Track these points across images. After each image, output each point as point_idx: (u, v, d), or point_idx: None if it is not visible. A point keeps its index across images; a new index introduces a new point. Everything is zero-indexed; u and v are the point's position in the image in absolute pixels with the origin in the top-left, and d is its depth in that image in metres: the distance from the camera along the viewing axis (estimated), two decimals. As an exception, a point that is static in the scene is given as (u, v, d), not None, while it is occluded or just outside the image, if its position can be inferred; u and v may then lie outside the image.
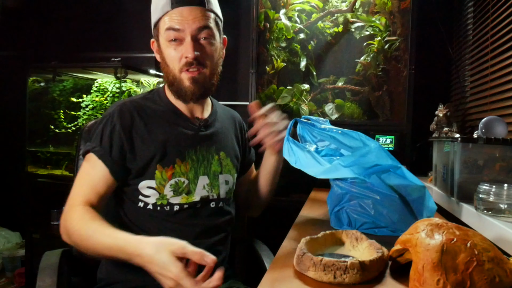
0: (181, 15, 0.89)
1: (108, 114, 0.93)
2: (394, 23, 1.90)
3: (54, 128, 2.24)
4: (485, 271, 0.48)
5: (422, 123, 1.74)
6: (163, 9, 0.91)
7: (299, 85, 2.01)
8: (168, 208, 0.92)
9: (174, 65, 0.92)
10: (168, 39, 0.91)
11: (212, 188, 0.98)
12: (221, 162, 1.01)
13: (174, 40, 0.91)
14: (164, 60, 0.94)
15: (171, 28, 0.90)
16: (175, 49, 0.91)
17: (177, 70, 0.92)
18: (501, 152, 0.95)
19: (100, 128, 0.92)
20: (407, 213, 0.85)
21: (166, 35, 0.91)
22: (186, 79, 0.92)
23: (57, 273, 0.91)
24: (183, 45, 0.90)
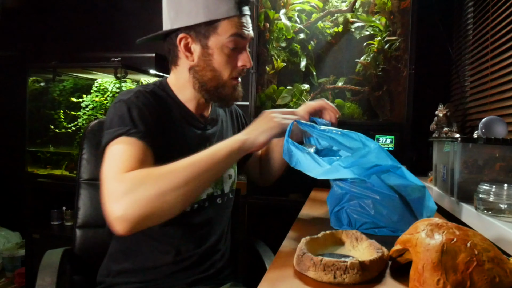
0: (246, 24, 0.88)
1: (127, 99, 0.84)
2: (394, 23, 1.90)
3: (54, 128, 2.24)
4: (485, 271, 0.48)
5: (422, 123, 1.74)
6: (228, 12, 0.85)
7: (299, 85, 2.01)
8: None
9: (224, 71, 0.89)
10: (230, 45, 0.87)
11: (216, 184, 0.97)
12: None
13: (233, 48, 0.88)
14: (209, 63, 0.88)
15: (239, 35, 0.87)
16: (230, 56, 0.88)
17: (226, 76, 0.89)
18: (501, 152, 0.95)
19: (124, 111, 0.81)
20: (407, 213, 0.84)
21: (229, 41, 0.86)
22: (231, 87, 0.91)
23: (58, 272, 0.91)
24: (240, 54, 0.89)
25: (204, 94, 0.93)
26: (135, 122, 0.80)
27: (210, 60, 0.88)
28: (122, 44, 2.42)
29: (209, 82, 0.90)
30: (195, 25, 0.87)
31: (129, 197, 0.67)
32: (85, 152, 1.11)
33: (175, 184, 0.69)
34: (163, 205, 0.68)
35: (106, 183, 0.71)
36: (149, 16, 2.38)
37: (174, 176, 0.70)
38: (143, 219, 0.67)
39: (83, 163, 1.10)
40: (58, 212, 2.19)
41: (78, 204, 1.10)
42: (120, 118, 0.81)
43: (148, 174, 0.70)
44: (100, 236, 1.08)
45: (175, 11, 0.88)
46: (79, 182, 1.11)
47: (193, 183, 0.71)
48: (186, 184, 0.70)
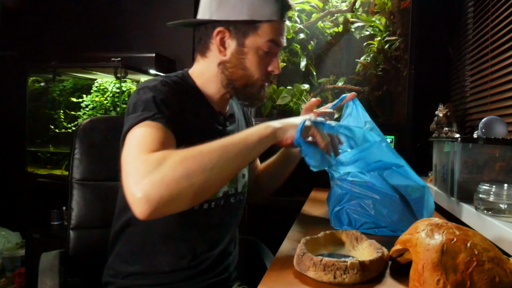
0: (283, 31, 0.89)
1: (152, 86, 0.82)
2: (394, 23, 1.90)
3: (54, 128, 2.24)
4: (485, 271, 0.48)
5: (422, 123, 1.74)
6: (271, 16, 0.85)
7: (299, 85, 2.01)
8: (197, 207, 0.87)
9: (255, 72, 0.88)
10: (265, 49, 0.87)
11: (231, 183, 0.95)
12: None
13: (267, 52, 0.88)
14: (242, 61, 0.87)
15: (275, 42, 0.87)
16: (262, 59, 0.88)
17: (256, 77, 0.89)
18: (501, 152, 0.95)
19: (149, 97, 0.79)
20: (407, 213, 0.85)
21: (266, 44, 0.86)
22: (259, 86, 0.90)
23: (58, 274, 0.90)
24: (272, 59, 0.89)
25: (231, 91, 0.91)
26: (160, 108, 0.77)
27: (243, 58, 0.87)
28: (122, 44, 2.42)
29: (238, 80, 0.88)
30: (236, 21, 0.85)
31: (154, 176, 0.62)
32: (77, 151, 1.08)
33: (203, 166, 0.65)
34: (189, 187, 0.64)
35: (128, 164, 0.67)
36: (149, 16, 2.38)
37: (203, 157, 0.66)
38: (167, 201, 0.63)
39: (75, 163, 1.07)
40: (58, 212, 2.20)
41: (71, 205, 1.07)
42: (144, 103, 0.78)
43: (175, 154, 0.66)
44: (95, 237, 1.06)
45: (218, 2, 0.86)
46: (72, 182, 1.08)
47: (222, 167, 0.68)
48: (214, 167, 0.66)
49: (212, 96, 0.93)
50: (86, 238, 1.06)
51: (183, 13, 2.26)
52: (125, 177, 0.66)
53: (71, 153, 1.09)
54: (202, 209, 0.88)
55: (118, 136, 1.12)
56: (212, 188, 0.70)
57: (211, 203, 0.90)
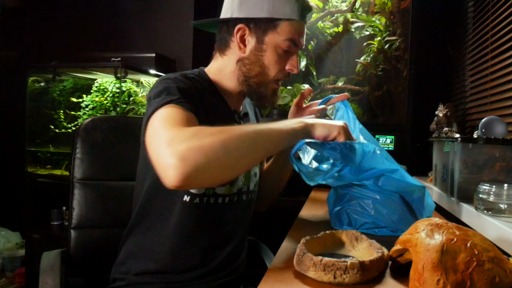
0: (303, 32, 0.90)
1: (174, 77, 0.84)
2: (394, 23, 1.90)
3: (54, 128, 2.24)
4: (485, 271, 0.48)
5: (422, 123, 1.74)
6: (291, 15, 0.86)
7: (299, 85, 2.01)
8: (213, 200, 0.89)
9: (272, 70, 0.89)
10: (283, 47, 0.88)
11: (245, 180, 0.96)
12: None
13: (285, 51, 0.89)
14: (260, 59, 0.89)
15: (294, 41, 0.88)
16: (281, 57, 0.89)
17: (272, 76, 0.90)
18: (501, 152, 0.95)
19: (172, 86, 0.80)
20: (407, 213, 0.85)
21: (285, 43, 0.87)
22: (272, 89, 0.91)
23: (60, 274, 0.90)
24: (290, 58, 0.90)
25: (245, 88, 0.92)
26: (184, 95, 0.79)
27: (261, 55, 0.88)
28: (122, 44, 2.42)
29: (255, 77, 0.89)
30: (256, 18, 0.87)
31: (192, 142, 0.62)
32: (79, 151, 1.08)
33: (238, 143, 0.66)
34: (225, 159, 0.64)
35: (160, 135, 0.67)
36: (149, 16, 2.38)
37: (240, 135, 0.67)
38: (202, 169, 0.62)
39: (76, 162, 1.08)
40: (58, 212, 2.19)
41: (73, 204, 1.07)
42: (168, 90, 0.79)
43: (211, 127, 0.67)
44: (96, 237, 1.06)
45: (239, 1, 0.88)
46: (73, 181, 1.08)
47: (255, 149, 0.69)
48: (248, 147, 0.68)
49: (228, 93, 0.94)
50: (87, 238, 1.06)
51: (183, 13, 2.26)
52: (157, 146, 0.65)
53: (73, 152, 1.09)
54: (217, 203, 0.89)
55: (119, 136, 1.14)
56: (242, 168, 0.72)
57: (225, 198, 0.91)
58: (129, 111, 2.12)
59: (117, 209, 1.07)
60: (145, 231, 0.91)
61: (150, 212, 0.90)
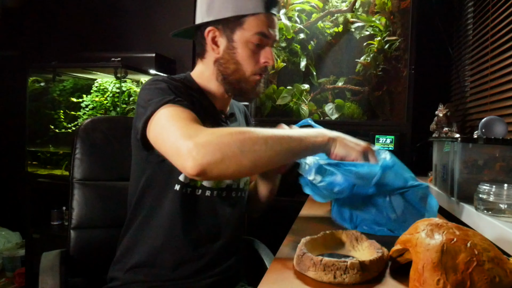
0: (272, 23, 0.91)
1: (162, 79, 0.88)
2: (394, 23, 1.90)
3: (54, 128, 2.24)
4: (485, 271, 0.48)
5: (422, 123, 1.74)
6: (255, 9, 0.89)
7: (299, 85, 2.01)
8: (199, 192, 0.91)
9: (247, 66, 0.91)
10: (254, 41, 0.90)
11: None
12: None
13: (257, 44, 0.90)
14: (233, 56, 0.91)
15: (263, 34, 0.89)
16: (254, 52, 0.91)
17: (250, 71, 0.92)
18: (501, 152, 0.95)
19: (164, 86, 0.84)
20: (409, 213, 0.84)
21: (254, 37, 0.89)
22: (253, 81, 0.93)
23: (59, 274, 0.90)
24: (263, 51, 0.91)
25: (226, 87, 0.95)
26: (177, 94, 0.82)
27: (234, 53, 0.91)
28: (122, 44, 2.42)
29: (232, 74, 0.92)
30: (223, 19, 0.90)
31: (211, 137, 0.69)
32: (78, 151, 1.09)
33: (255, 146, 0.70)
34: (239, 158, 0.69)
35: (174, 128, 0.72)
36: (149, 16, 2.38)
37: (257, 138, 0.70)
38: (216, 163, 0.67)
39: (76, 162, 1.08)
40: (58, 212, 2.20)
41: (72, 204, 1.08)
42: (161, 91, 0.82)
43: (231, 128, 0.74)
44: (96, 237, 1.07)
45: (207, 5, 0.92)
46: (73, 182, 1.08)
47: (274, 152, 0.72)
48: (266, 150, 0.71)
49: (213, 94, 0.97)
50: (87, 238, 1.07)
51: (183, 13, 2.26)
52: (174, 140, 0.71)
53: (72, 152, 1.10)
54: (204, 195, 0.91)
55: (119, 136, 1.14)
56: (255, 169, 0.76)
57: (213, 191, 0.92)
58: (129, 111, 2.12)
59: (116, 209, 1.07)
60: (139, 226, 0.93)
61: (143, 207, 0.92)
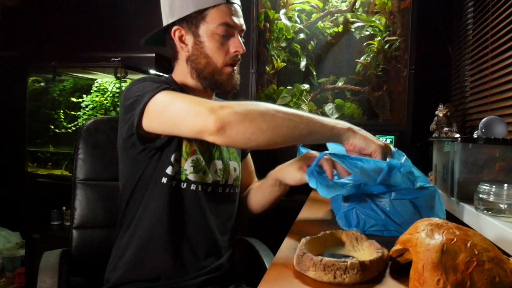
0: (234, 11, 0.92)
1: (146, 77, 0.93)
2: (394, 23, 1.90)
3: (54, 128, 2.24)
4: (485, 271, 0.48)
5: (422, 123, 1.74)
6: (214, 1, 0.90)
7: (299, 85, 2.01)
8: (185, 186, 0.91)
9: (218, 58, 0.92)
10: (219, 32, 0.91)
11: (224, 173, 0.98)
12: (228, 149, 1.03)
13: (224, 35, 0.91)
14: (202, 51, 0.92)
15: (226, 24, 0.90)
16: (223, 43, 0.92)
17: (221, 63, 0.93)
18: (501, 152, 0.95)
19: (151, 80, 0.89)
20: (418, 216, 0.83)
21: (219, 29, 0.90)
22: (227, 73, 0.94)
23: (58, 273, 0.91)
24: (231, 40, 0.92)
25: (203, 82, 0.96)
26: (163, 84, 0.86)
27: (202, 47, 0.92)
28: (122, 44, 2.42)
29: (204, 69, 0.93)
30: (186, 17, 0.91)
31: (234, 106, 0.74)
32: (81, 152, 1.10)
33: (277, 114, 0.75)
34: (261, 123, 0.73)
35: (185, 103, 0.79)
36: (149, 16, 2.38)
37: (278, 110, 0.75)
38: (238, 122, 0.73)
39: (78, 163, 1.09)
40: (58, 212, 2.20)
41: (75, 204, 1.08)
42: (152, 82, 0.86)
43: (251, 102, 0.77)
44: (97, 237, 1.07)
45: (169, 6, 0.94)
46: (75, 182, 1.09)
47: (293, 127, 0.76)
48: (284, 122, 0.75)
49: (194, 93, 0.96)
50: (89, 238, 1.08)
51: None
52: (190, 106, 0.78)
53: (75, 153, 1.11)
54: (190, 189, 0.91)
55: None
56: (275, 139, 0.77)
57: (198, 185, 0.92)
58: (129, 111, 2.11)
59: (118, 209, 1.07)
60: (128, 226, 0.94)
61: (133, 207, 0.93)
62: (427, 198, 0.83)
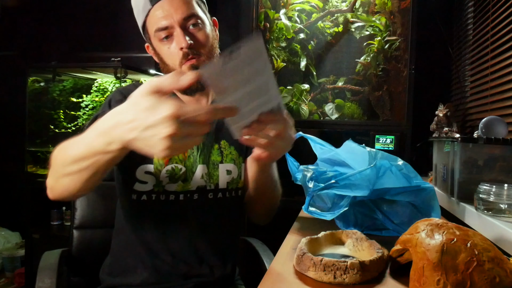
0: (164, 10, 0.87)
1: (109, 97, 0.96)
2: (394, 23, 1.90)
3: (54, 128, 2.24)
4: (485, 271, 0.48)
5: (422, 123, 1.74)
6: (145, 10, 0.89)
7: (299, 85, 2.01)
8: (164, 197, 0.89)
9: (172, 61, 0.90)
10: (159, 38, 0.89)
11: (210, 178, 0.94)
12: (222, 151, 0.97)
13: (166, 38, 0.89)
14: (162, 60, 0.93)
15: (159, 29, 0.88)
16: (169, 47, 0.89)
17: (177, 65, 0.90)
18: (501, 152, 0.95)
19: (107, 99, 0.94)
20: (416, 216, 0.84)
21: (156, 35, 0.89)
22: (187, 70, 0.89)
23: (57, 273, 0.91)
24: (175, 38, 0.88)
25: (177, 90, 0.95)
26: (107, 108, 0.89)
27: (159, 55, 0.93)
28: (122, 44, 2.42)
29: (166, 71, 0.93)
30: (142, 33, 0.97)
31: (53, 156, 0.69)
32: None
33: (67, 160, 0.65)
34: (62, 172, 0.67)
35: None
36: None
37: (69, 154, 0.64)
38: (55, 188, 0.71)
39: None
40: (58, 212, 2.19)
41: (75, 204, 1.09)
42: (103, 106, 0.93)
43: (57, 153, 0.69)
44: (98, 237, 1.08)
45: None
46: None
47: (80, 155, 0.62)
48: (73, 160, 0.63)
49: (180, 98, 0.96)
50: (89, 238, 1.09)
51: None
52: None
53: None
54: (169, 200, 0.90)
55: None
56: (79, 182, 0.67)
57: (179, 195, 0.90)
58: (129, 111, 2.11)
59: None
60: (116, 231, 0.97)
61: (119, 210, 0.96)
62: (425, 198, 0.83)
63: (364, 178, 0.79)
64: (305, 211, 0.82)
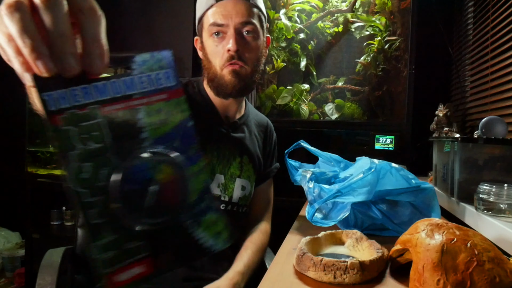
0: (225, 9, 0.88)
1: None
2: (394, 23, 1.90)
3: (54, 128, 2.24)
4: (485, 271, 0.48)
5: (422, 123, 1.74)
6: (207, 3, 0.90)
7: (299, 85, 2.01)
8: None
9: (216, 60, 0.91)
10: (210, 33, 0.90)
11: (225, 189, 0.95)
12: (242, 166, 0.98)
13: (217, 35, 0.89)
14: (206, 56, 0.93)
15: (214, 24, 0.89)
16: (217, 44, 0.90)
17: (219, 66, 0.90)
18: (501, 152, 0.95)
19: None
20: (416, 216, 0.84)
21: (209, 30, 0.90)
22: (228, 73, 0.90)
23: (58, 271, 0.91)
24: (226, 39, 0.89)
25: (213, 89, 0.95)
26: None
27: (205, 51, 0.94)
28: (122, 44, 2.42)
29: (208, 71, 0.94)
30: (197, 25, 0.97)
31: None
32: None
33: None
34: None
35: None
36: (149, 16, 2.38)
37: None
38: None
39: None
40: (58, 212, 2.20)
41: None
42: None
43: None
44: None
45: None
46: None
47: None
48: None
49: (213, 101, 0.98)
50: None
51: (183, 13, 2.26)
52: None
53: None
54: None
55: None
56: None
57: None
58: (129, 111, 2.12)
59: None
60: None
61: None
62: (425, 198, 0.83)
63: (366, 184, 0.79)
64: (310, 220, 0.83)
